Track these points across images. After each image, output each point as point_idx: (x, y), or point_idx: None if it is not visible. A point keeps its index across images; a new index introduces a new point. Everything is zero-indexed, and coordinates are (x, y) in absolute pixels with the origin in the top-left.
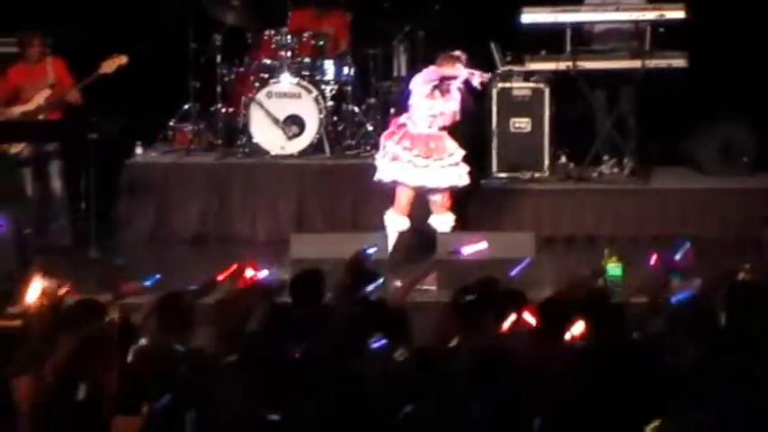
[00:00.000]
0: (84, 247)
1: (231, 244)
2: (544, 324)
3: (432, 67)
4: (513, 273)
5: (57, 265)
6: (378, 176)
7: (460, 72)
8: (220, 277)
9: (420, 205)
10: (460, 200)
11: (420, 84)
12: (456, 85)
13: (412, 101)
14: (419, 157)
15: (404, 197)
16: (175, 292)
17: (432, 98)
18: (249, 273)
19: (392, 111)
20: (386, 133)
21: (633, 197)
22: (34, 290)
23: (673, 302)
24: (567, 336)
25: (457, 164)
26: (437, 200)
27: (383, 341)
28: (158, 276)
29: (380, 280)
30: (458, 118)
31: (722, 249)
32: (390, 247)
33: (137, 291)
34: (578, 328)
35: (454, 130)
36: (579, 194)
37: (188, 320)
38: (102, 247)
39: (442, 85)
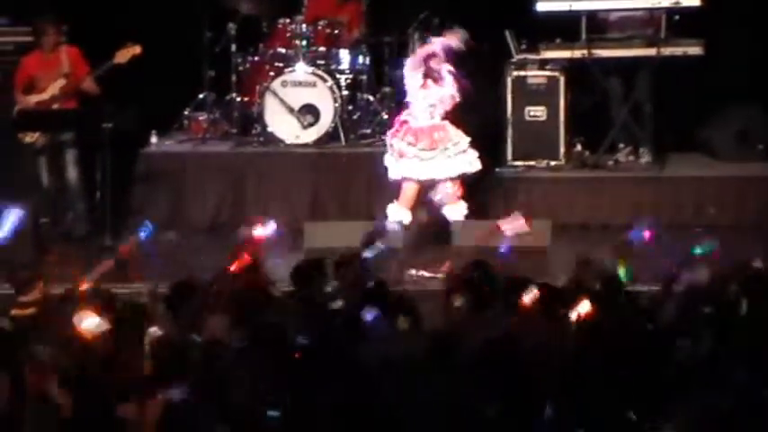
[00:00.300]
0: (99, 235)
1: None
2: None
3: (411, 56)
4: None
5: (72, 253)
6: (390, 175)
7: (434, 43)
8: (232, 268)
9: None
10: (475, 188)
11: (410, 76)
12: (446, 68)
13: (409, 96)
14: (424, 150)
15: (409, 191)
16: (186, 280)
17: (425, 88)
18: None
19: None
20: (391, 132)
21: (649, 185)
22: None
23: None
24: (574, 315)
25: (464, 151)
26: (448, 190)
27: (376, 314)
28: (150, 226)
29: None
30: (457, 100)
31: (738, 237)
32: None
33: (134, 246)
34: (584, 307)
35: (460, 117)
36: (595, 182)
37: (199, 308)
38: (118, 235)
39: (432, 73)
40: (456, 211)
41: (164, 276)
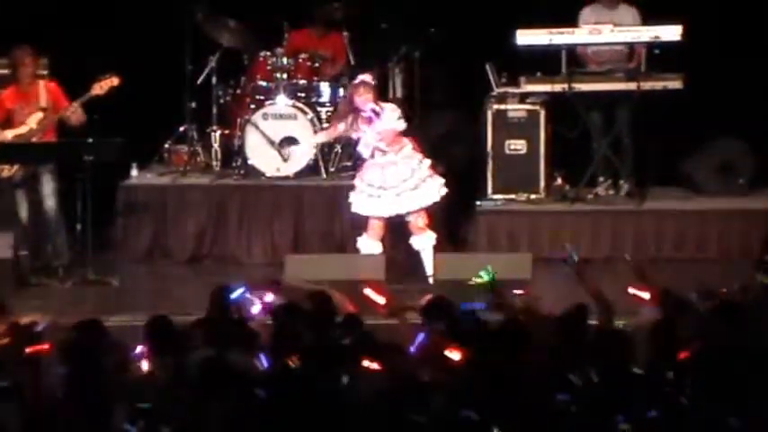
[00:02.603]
0: (81, 268)
1: (227, 265)
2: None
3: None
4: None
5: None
6: (354, 209)
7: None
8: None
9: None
10: (456, 222)
11: (350, 132)
12: (369, 107)
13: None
14: (382, 188)
15: (375, 224)
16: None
17: (359, 133)
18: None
19: None
20: (358, 174)
21: (629, 218)
22: None
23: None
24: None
25: (424, 180)
26: (412, 221)
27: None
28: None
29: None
30: (399, 128)
31: (720, 271)
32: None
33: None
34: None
35: (440, 152)
36: (575, 216)
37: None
38: (99, 268)
39: (356, 117)
40: (424, 241)
41: (145, 308)
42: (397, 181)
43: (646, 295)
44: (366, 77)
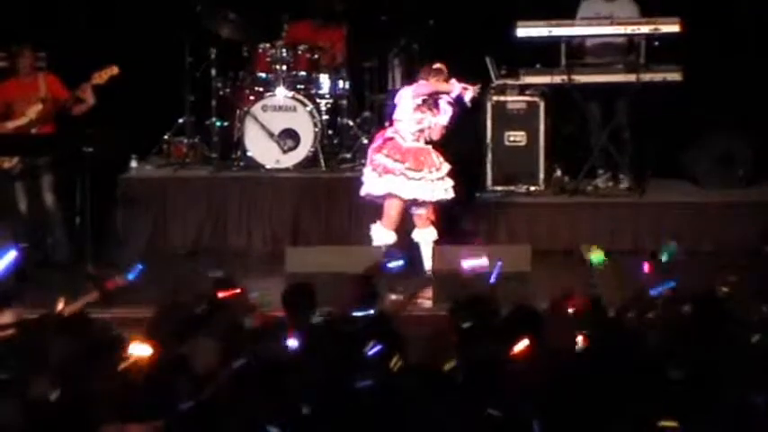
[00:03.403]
0: (81, 261)
1: (227, 257)
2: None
3: (422, 82)
4: (493, 279)
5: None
6: (366, 190)
7: (454, 87)
8: (221, 295)
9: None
10: (455, 213)
11: (410, 98)
12: (446, 100)
13: (399, 114)
14: (411, 169)
15: (393, 211)
16: (173, 304)
17: (420, 112)
18: None
19: (386, 124)
20: (373, 147)
21: (628, 210)
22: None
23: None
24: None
25: (443, 178)
26: (422, 213)
27: (379, 347)
28: (141, 267)
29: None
30: (445, 132)
31: (719, 263)
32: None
33: (121, 285)
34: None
35: (442, 144)
36: (574, 208)
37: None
38: (99, 261)
39: (430, 100)
40: (427, 235)
41: (145, 300)
42: (431, 168)
43: None
44: (442, 66)
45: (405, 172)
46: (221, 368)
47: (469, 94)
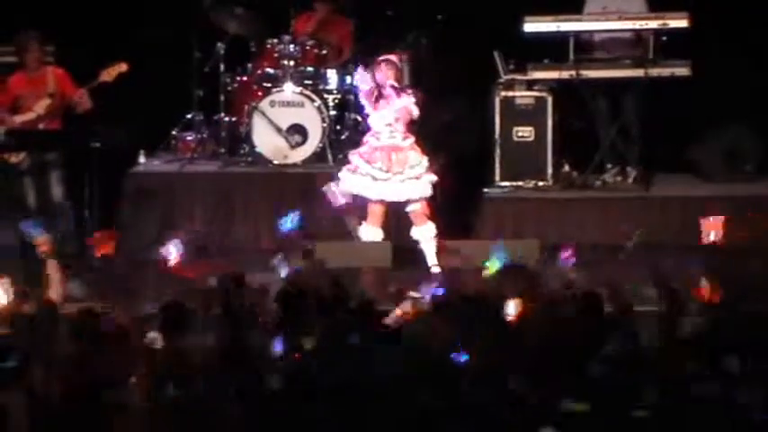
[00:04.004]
0: (88, 255)
1: (234, 252)
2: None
3: (362, 82)
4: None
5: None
6: (356, 190)
7: (390, 82)
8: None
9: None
10: (464, 209)
11: (365, 101)
12: (389, 85)
13: (369, 119)
14: (379, 170)
15: (375, 209)
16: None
17: (378, 109)
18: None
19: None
20: (354, 151)
21: (637, 205)
22: None
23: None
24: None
25: (418, 177)
26: (416, 210)
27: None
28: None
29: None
30: (414, 111)
31: (725, 256)
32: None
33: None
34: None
35: (447, 137)
36: (582, 203)
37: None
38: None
39: (377, 93)
40: (424, 232)
41: (154, 296)
42: (403, 167)
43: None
44: (391, 57)
45: (371, 172)
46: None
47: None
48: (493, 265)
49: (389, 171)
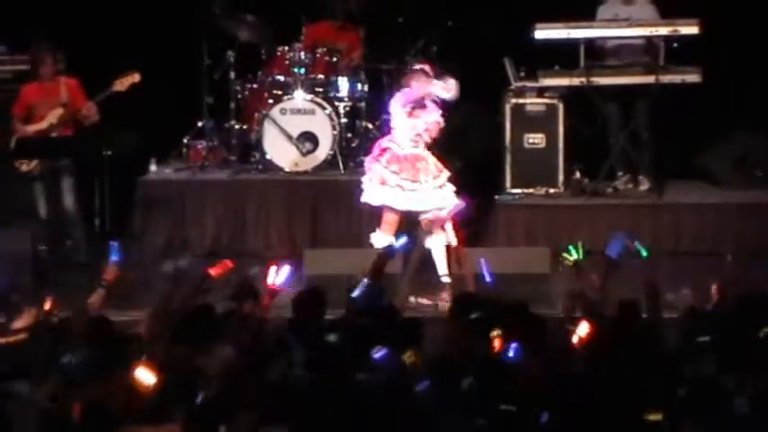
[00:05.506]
0: (99, 263)
1: (245, 260)
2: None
3: (406, 89)
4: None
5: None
6: (364, 198)
7: (434, 88)
8: (212, 272)
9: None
10: (473, 216)
11: (399, 107)
12: (432, 98)
13: (394, 123)
14: (407, 180)
15: (392, 218)
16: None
17: (413, 117)
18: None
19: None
20: (371, 156)
21: (648, 212)
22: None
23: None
24: (575, 338)
25: (441, 186)
26: (427, 220)
27: (384, 351)
28: (117, 245)
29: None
30: (441, 126)
31: (739, 263)
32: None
33: (116, 272)
34: (583, 329)
35: (456, 145)
36: (594, 210)
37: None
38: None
39: (418, 103)
40: (435, 240)
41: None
42: (427, 176)
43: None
44: (425, 66)
45: (400, 183)
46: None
47: (447, 93)
48: (571, 255)
49: (417, 181)
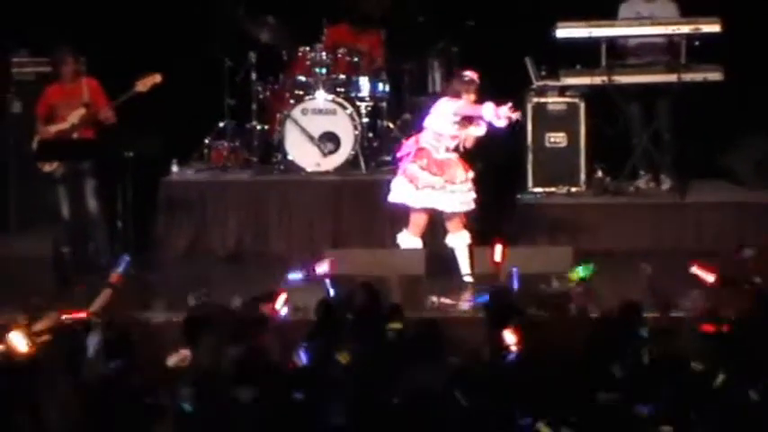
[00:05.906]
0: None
1: (267, 261)
2: None
3: (463, 102)
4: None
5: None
6: (401, 199)
7: (487, 113)
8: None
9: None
10: (496, 215)
11: (450, 113)
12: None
13: (436, 125)
14: (448, 182)
15: (421, 220)
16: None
17: (461, 128)
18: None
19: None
20: (407, 155)
21: (670, 211)
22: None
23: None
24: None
25: (471, 189)
26: (453, 218)
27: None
28: (127, 259)
29: None
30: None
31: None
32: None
33: (121, 278)
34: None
35: (480, 146)
36: (616, 209)
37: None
38: (140, 265)
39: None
40: (460, 239)
41: (185, 305)
42: (460, 179)
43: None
44: (474, 75)
45: (434, 183)
46: None
47: (502, 122)
48: (577, 273)
49: (452, 182)
